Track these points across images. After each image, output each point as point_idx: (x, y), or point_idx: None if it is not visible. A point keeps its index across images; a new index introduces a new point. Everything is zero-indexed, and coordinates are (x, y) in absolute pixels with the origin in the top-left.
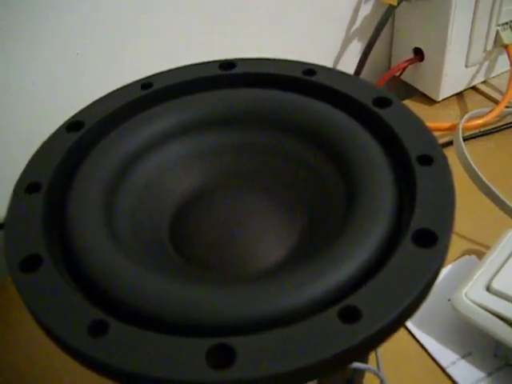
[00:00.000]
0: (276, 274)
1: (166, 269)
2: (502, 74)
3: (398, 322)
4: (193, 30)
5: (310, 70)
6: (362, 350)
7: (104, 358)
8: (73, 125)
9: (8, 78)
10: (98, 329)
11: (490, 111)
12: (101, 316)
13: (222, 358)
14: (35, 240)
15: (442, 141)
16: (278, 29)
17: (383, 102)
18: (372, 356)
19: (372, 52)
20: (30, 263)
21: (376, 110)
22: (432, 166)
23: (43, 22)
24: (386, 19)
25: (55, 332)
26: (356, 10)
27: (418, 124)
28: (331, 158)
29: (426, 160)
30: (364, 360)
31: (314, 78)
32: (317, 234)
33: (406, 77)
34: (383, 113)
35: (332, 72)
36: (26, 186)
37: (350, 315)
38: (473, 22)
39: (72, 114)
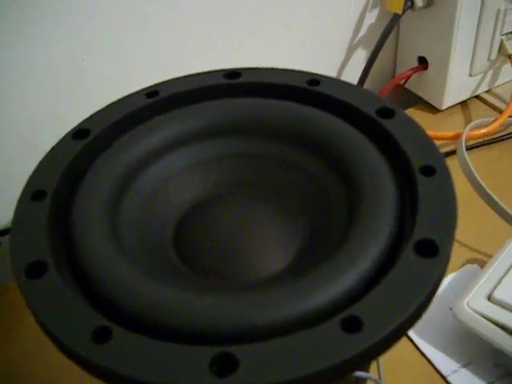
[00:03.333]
0: (279, 284)
1: (170, 277)
2: (506, 83)
3: (400, 332)
4: (199, 33)
5: (314, 80)
6: (364, 360)
7: (107, 364)
8: (79, 133)
9: (11, 81)
10: (101, 335)
11: (494, 120)
12: (104, 323)
13: (225, 366)
14: (40, 247)
15: (445, 150)
16: (283, 36)
17: (386, 113)
18: (373, 364)
19: (377, 60)
20: (36, 270)
21: (379, 120)
22: (434, 176)
23: (49, 26)
24: (390, 28)
25: (59, 338)
26: (361, 18)
27: (420, 134)
28: (334, 168)
29: (428, 171)
30: (365, 369)
31: (318, 88)
32: (319, 243)
33: (410, 85)
34: (386, 123)
35: (336, 82)
36: (32, 193)
37: (352, 325)
38: (477, 32)
39: (77, 118)
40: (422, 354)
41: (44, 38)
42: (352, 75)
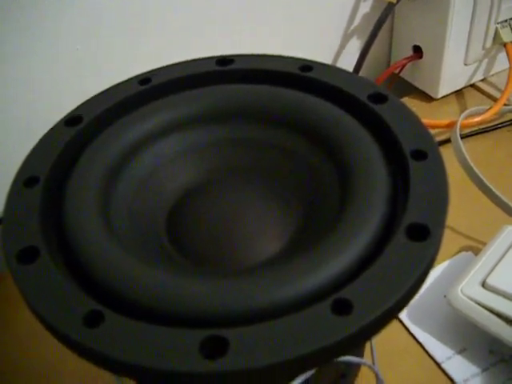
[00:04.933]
0: (270, 267)
1: (162, 261)
2: (500, 72)
3: (389, 315)
4: (199, 33)
5: (307, 66)
6: (353, 342)
7: (99, 348)
8: (71, 119)
9: (7, 72)
10: (93, 319)
11: (489, 109)
12: (96, 307)
13: (216, 348)
14: (32, 232)
15: (440, 138)
16: (277, 26)
17: (379, 98)
18: (367, 351)
19: (371, 49)
20: (27, 255)
21: (371, 105)
22: (426, 160)
23: (43, 16)
24: (385, 16)
25: (51, 322)
26: (355, 7)
27: (413, 119)
28: (327, 153)
29: (420, 155)
30: (359, 354)
31: (311, 74)
32: (312, 227)
33: (405, 74)
34: (379, 108)
35: (328, 68)
36: (24, 179)
37: (342, 308)
38: (472, 20)
39: (71, 108)
40: (417, 340)
41: (45, 36)
42: (347, 65)
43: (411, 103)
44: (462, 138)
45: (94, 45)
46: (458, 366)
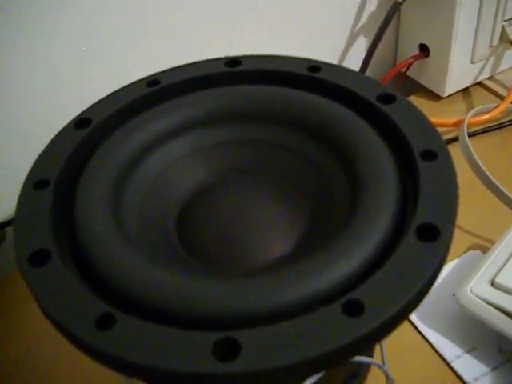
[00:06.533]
0: (281, 268)
1: (173, 263)
2: (507, 69)
3: (401, 316)
4: (199, 33)
5: (315, 66)
6: (365, 343)
7: (111, 350)
8: (80, 122)
9: (12, 73)
10: (105, 322)
11: (496, 107)
12: (108, 309)
13: (228, 350)
14: (43, 235)
15: (447, 137)
16: (283, 26)
17: (387, 98)
18: (377, 350)
19: (378, 48)
20: (39, 258)
21: (380, 106)
22: (435, 161)
23: (50, 16)
24: (391, 15)
25: (63, 325)
26: (361, 6)
27: (421, 120)
28: (335, 153)
29: (429, 155)
30: (369, 354)
31: (319, 75)
32: (321, 227)
33: (411, 73)
34: (387, 109)
35: (336, 68)
36: (35, 182)
37: (354, 309)
38: (478, 18)
39: (78, 110)
40: (426, 339)
41: (45, 36)
42: (353, 64)
43: (418, 102)
44: (469, 136)
45: (94, 45)
46: (468, 364)
